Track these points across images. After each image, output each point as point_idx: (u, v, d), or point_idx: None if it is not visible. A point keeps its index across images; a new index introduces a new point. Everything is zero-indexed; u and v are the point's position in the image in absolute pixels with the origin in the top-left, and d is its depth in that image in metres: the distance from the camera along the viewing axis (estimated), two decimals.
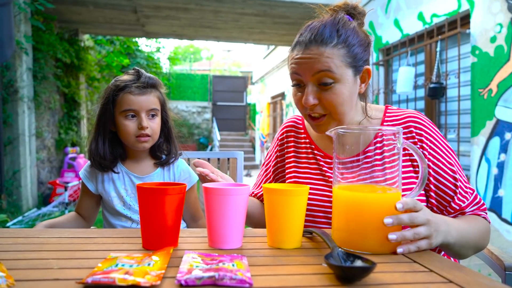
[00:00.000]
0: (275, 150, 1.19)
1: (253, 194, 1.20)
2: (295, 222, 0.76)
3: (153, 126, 1.21)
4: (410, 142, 0.97)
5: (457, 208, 0.95)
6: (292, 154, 1.13)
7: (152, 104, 1.21)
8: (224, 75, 18.26)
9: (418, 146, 0.97)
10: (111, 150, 1.24)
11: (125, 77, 1.22)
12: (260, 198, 1.18)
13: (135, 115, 1.19)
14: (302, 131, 1.15)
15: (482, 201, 0.98)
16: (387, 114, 1.04)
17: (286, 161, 1.15)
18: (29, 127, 5.17)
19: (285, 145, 1.16)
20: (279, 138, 1.19)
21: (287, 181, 1.12)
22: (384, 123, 1.03)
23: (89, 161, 1.29)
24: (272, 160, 1.19)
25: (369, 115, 1.04)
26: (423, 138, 0.98)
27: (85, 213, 1.30)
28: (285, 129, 1.18)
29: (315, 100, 0.93)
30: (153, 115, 1.22)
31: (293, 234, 0.76)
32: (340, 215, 0.77)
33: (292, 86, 0.99)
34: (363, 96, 1.04)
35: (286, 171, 1.13)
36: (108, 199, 1.25)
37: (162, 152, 1.29)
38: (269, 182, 1.18)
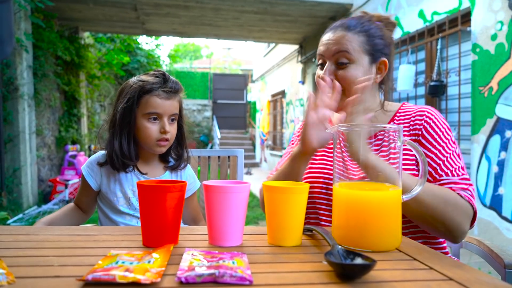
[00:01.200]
0: (297, 135, 1.27)
1: (275, 169, 1.25)
2: (295, 219, 0.76)
3: (173, 130, 1.21)
4: (417, 127, 1.03)
5: (431, 180, 0.96)
6: None
7: (175, 109, 1.21)
8: (225, 73, 18.24)
9: (419, 129, 1.02)
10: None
11: (149, 79, 1.19)
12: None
13: (157, 118, 1.18)
14: None
15: (467, 184, 0.95)
16: (401, 108, 1.11)
17: None
18: (29, 125, 5.17)
19: None
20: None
21: None
22: (396, 117, 1.09)
23: (92, 157, 1.26)
24: (295, 145, 1.24)
25: (386, 108, 1.12)
26: (424, 123, 1.02)
27: (85, 207, 1.29)
28: None
29: (331, 76, 1.04)
30: (172, 120, 1.22)
31: (293, 231, 0.76)
32: (340, 213, 0.77)
33: (317, 65, 1.12)
34: (382, 90, 1.12)
35: None
36: (113, 199, 1.23)
37: (171, 156, 1.30)
38: None
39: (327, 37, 1.07)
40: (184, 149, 1.30)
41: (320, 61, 1.10)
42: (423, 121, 1.02)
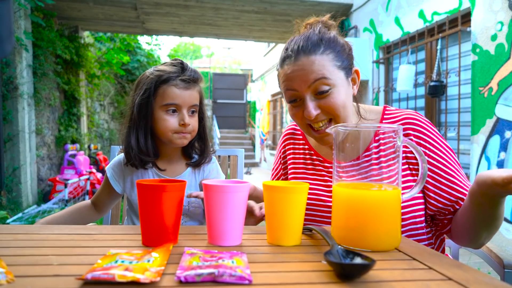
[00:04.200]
0: (278, 158, 1.23)
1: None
2: (295, 219, 0.76)
3: (194, 123, 1.13)
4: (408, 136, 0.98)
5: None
6: (291, 161, 1.16)
7: (195, 100, 1.13)
8: (224, 73, 18.23)
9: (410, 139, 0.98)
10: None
11: (166, 68, 1.12)
12: None
13: (176, 110, 1.11)
14: (301, 137, 1.16)
15: None
16: (385, 115, 1.03)
17: (289, 167, 1.18)
18: (29, 124, 5.16)
19: (286, 152, 1.20)
20: (281, 146, 1.22)
21: None
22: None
23: (115, 159, 1.22)
24: (278, 167, 1.24)
25: (365, 117, 1.04)
26: (420, 141, 0.96)
27: (102, 206, 1.25)
28: (284, 137, 1.21)
29: (317, 111, 0.93)
30: (193, 111, 1.14)
31: (292, 231, 0.76)
32: (340, 213, 0.77)
33: (288, 103, 0.98)
34: (354, 98, 1.04)
35: (288, 176, 1.17)
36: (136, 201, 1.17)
37: (194, 151, 1.22)
38: None
39: (290, 69, 0.92)
40: (206, 143, 1.22)
41: (290, 98, 0.96)
42: (413, 136, 0.96)
